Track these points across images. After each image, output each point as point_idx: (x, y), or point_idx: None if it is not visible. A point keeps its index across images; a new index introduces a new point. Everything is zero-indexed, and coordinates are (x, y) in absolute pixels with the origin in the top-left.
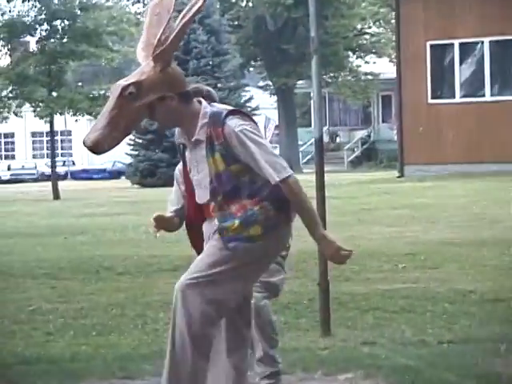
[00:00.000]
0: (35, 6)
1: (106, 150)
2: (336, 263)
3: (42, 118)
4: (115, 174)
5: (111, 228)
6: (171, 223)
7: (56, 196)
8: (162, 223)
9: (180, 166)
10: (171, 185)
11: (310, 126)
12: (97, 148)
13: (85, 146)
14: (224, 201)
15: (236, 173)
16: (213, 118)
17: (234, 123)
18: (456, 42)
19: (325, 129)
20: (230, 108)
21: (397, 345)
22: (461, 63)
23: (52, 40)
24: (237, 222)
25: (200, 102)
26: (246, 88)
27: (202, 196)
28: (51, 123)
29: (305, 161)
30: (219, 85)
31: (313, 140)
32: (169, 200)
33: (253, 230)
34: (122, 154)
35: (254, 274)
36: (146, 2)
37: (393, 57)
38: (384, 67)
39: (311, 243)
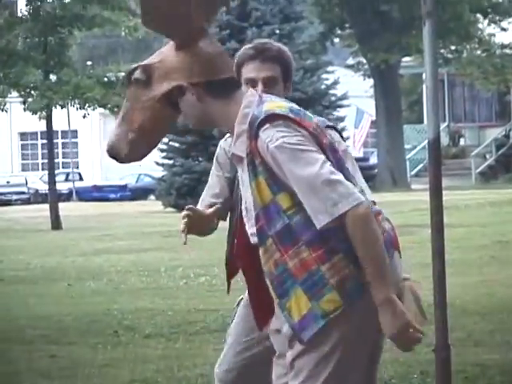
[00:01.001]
0: None
1: (130, 158)
2: (399, 346)
3: (35, 112)
4: (140, 193)
5: (135, 270)
6: (209, 222)
7: (56, 225)
8: (197, 222)
9: (227, 142)
10: None
11: (422, 122)
12: (115, 155)
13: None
14: (276, 247)
15: (286, 208)
16: (251, 125)
17: (269, 135)
18: None
19: (443, 126)
20: (272, 109)
21: None
22: None
23: (49, 0)
24: (299, 290)
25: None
26: (330, 67)
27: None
28: (48, 120)
29: (414, 172)
30: None
31: (426, 142)
32: (206, 188)
33: (326, 301)
34: (150, 163)
35: (358, 360)
36: None
37: None
38: None
39: (423, 288)
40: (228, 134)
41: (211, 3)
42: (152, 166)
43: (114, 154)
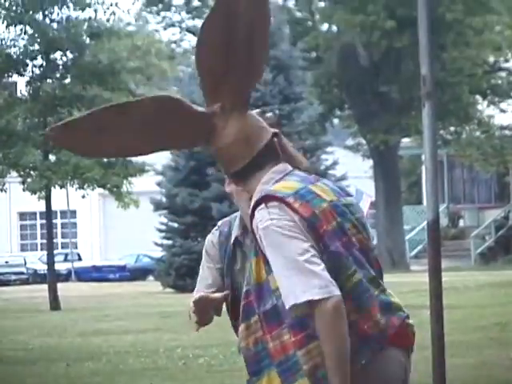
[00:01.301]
0: (25, 33)
1: None
2: None
3: (34, 192)
4: (139, 274)
5: (134, 351)
6: (218, 308)
7: (55, 305)
8: (208, 308)
9: (214, 235)
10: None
11: (421, 203)
12: None
13: None
14: (260, 325)
15: (274, 288)
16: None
17: (261, 216)
18: None
19: (442, 207)
20: (275, 190)
21: None
22: None
23: (49, 80)
24: (274, 372)
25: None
26: (329, 148)
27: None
28: (48, 200)
29: (414, 253)
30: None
31: (425, 223)
32: (199, 280)
33: None
34: (148, 244)
35: None
36: (183, 26)
37: None
38: None
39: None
40: (216, 227)
41: (225, 95)
42: (151, 247)
43: None
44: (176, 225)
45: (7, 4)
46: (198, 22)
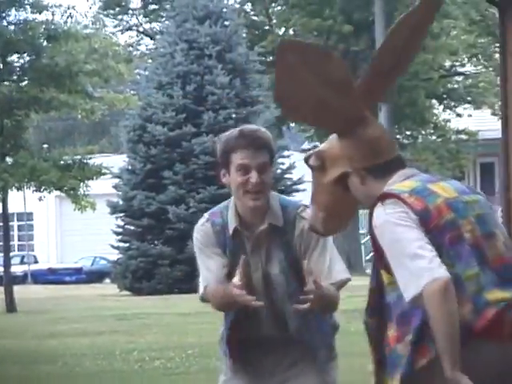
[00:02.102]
0: None
1: (326, 234)
2: None
3: None
4: (96, 276)
5: (90, 354)
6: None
7: (11, 307)
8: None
9: (206, 227)
10: (175, 292)
11: None
12: (314, 231)
13: None
14: (380, 323)
15: (387, 284)
16: None
17: (378, 213)
18: None
19: None
20: (394, 189)
21: None
22: None
23: (6, 83)
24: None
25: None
26: (285, 152)
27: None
28: (4, 202)
29: (369, 257)
30: None
31: None
32: (213, 269)
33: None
34: (105, 246)
35: None
36: (140, 30)
37: (497, 107)
38: (484, 122)
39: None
40: (203, 220)
41: (374, 93)
42: (107, 249)
43: (314, 230)
44: (132, 227)
45: None
46: (155, 26)
